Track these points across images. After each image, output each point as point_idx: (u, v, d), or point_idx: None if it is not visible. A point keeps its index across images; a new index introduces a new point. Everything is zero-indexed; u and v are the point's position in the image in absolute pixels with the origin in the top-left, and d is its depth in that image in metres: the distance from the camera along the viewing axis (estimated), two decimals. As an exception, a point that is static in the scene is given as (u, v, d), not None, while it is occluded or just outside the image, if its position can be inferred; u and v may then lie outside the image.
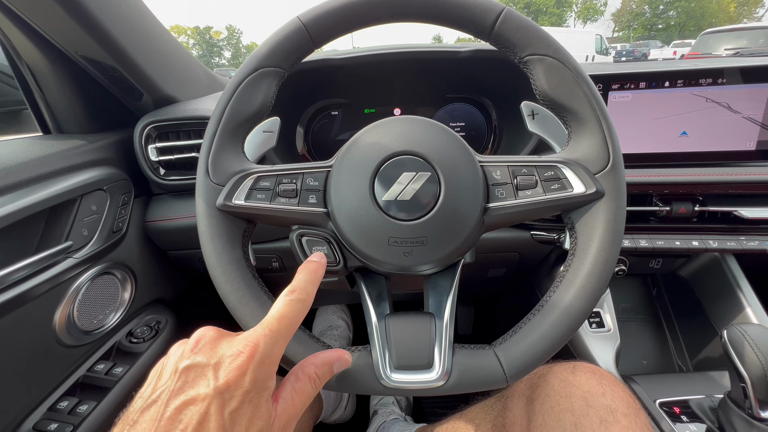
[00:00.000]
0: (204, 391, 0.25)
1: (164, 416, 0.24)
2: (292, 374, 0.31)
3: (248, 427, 0.26)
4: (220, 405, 0.25)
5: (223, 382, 0.25)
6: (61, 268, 0.55)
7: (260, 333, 0.28)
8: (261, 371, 0.27)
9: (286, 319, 0.30)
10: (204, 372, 0.26)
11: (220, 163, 0.41)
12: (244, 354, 0.27)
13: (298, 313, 0.31)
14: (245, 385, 0.26)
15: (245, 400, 0.26)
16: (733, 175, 0.66)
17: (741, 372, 0.49)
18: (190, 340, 0.29)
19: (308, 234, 0.43)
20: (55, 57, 0.60)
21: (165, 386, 0.26)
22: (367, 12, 0.41)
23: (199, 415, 0.24)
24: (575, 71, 0.39)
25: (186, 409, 0.25)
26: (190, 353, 0.27)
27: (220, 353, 0.27)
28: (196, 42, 49.30)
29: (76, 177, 0.57)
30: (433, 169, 0.38)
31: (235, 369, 0.26)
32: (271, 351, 0.28)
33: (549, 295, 0.40)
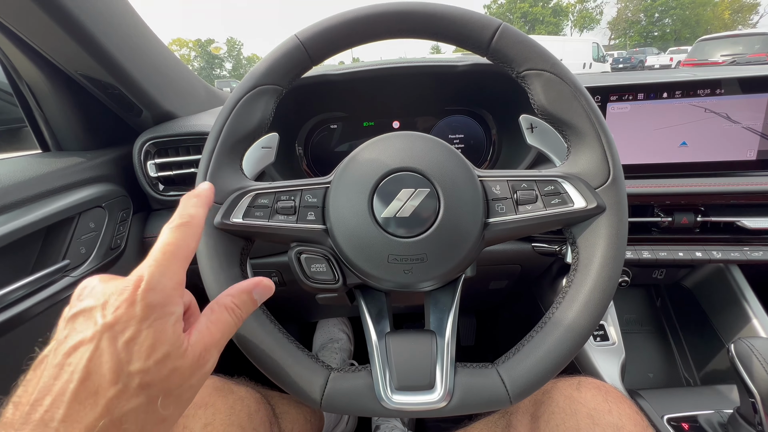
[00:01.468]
0: (92, 330, 0.24)
1: (52, 364, 0.24)
2: (207, 308, 0.30)
3: (149, 354, 0.24)
4: (111, 338, 0.24)
5: (112, 317, 0.24)
6: (58, 287, 0.54)
7: (144, 265, 0.27)
8: (153, 297, 0.25)
9: (171, 245, 0.28)
10: (91, 314, 0.25)
11: (217, 181, 0.41)
12: (129, 287, 0.25)
13: (183, 237, 0.29)
14: (137, 314, 0.25)
15: (141, 327, 0.25)
16: (734, 185, 0.66)
17: (750, 387, 0.48)
18: (75, 290, 0.28)
19: (307, 251, 0.43)
20: (54, 75, 0.60)
21: (55, 341, 0.25)
22: (365, 29, 0.41)
23: (89, 353, 0.23)
24: (573, 86, 0.39)
25: (75, 352, 0.24)
26: (77, 301, 0.26)
27: (106, 294, 0.26)
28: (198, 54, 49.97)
29: (74, 195, 0.57)
30: (432, 185, 0.38)
31: (123, 302, 0.25)
32: (160, 277, 0.26)
33: (552, 311, 0.40)
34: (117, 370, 0.23)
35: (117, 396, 0.23)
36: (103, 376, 0.23)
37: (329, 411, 0.39)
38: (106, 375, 0.23)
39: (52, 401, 0.22)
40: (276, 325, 0.40)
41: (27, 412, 0.22)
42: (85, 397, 0.23)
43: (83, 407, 0.23)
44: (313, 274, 0.42)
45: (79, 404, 0.23)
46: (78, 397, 0.23)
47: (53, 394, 0.23)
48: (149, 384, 0.24)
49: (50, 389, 0.23)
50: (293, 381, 0.38)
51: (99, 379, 0.23)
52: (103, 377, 0.23)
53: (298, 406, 0.68)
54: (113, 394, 0.23)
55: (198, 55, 50.27)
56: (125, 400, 0.24)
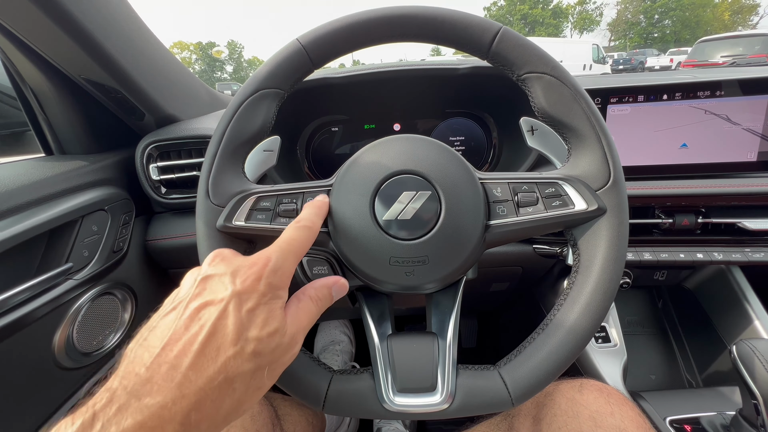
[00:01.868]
0: (222, 294, 0.27)
1: (183, 316, 0.26)
2: (294, 297, 0.33)
3: (263, 326, 0.27)
4: (237, 304, 0.27)
5: (240, 285, 0.28)
6: (61, 290, 0.55)
7: (272, 249, 0.31)
8: (274, 279, 0.29)
9: (295, 241, 0.33)
10: (222, 279, 0.28)
11: (220, 184, 0.41)
12: (258, 264, 0.29)
13: (304, 237, 0.34)
14: (261, 289, 0.28)
15: (261, 302, 0.28)
16: (735, 187, 0.66)
17: (752, 389, 0.47)
18: (206, 258, 0.31)
19: (309, 254, 0.43)
20: (58, 80, 0.61)
21: (184, 295, 0.28)
22: (366, 33, 0.41)
23: (218, 312, 0.26)
24: (573, 88, 0.40)
25: (205, 309, 0.26)
26: (208, 266, 0.30)
27: (236, 264, 0.29)
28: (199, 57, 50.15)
29: (77, 198, 0.58)
30: (433, 188, 0.38)
31: (252, 275, 0.28)
32: (283, 263, 0.30)
33: (553, 313, 0.40)
34: (238, 333, 0.26)
35: (234, 356, 0.26)
36: (227, 336, 0.26)
37: (331, 413, 0.39)
38: (229, 335, 0.26)
39: (182, 348, 0.25)
40: None
41: (157, 353, 0.24)
42: (209, 351, 0.25)
43: (207, 360, 0.25)
44: (315, 276, 0.43)
45: (204, 356, 0.25)
46: (204, 349, 0.25)
47: (183, 341, 0.25)
48: (260, 353, 0.27)
49: (181, 336, 0.25)
50: (295, 383, 0.38)
51: (223, 338, 0.26)
52: (226, 337, 0.26)
53: (300, 408, 0.68)
54: (232, 353, 0.25)
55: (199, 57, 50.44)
56: (240, 362, 0.26)
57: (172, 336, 0.25)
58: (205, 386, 0.24)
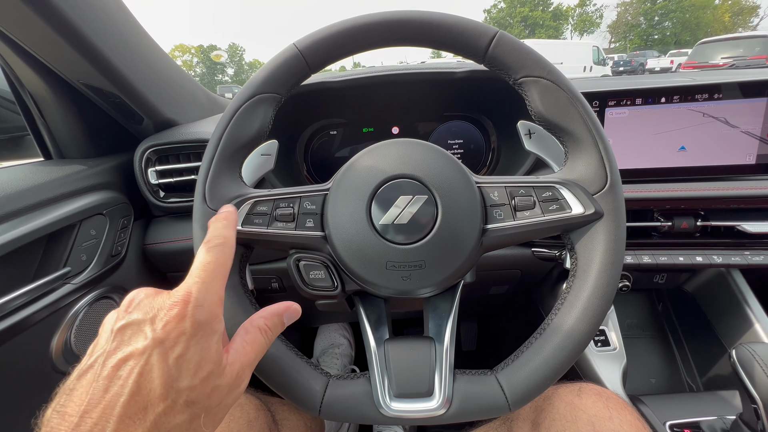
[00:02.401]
0: (142, 344, 0.24)
1: (101, 375, 0.24)
2: (242, 329, 0.31)
3: (196, 371, 0.25)
4: (162, 353, 0.24)
5: (162, 331, 0.25)
6: (59, 294, 0.55)
7: (189, 282, 0.28)
8: (201, 314, 0.26)
9: (211, 264, 0.29)
10: (141, 327, 0.25)
11: (217, 188, 0.41)
12: (179, 303, 0.26)
13: (221, 257, 0.31)
14: (188, 330, 0.25)
15: (190, 344, 0.25)
16: (734, 190, 0.66)
17: (752, 393, 0.47)
18: (123, 302, 0.28)
19: (306, 258, 0.43)
20: (56, 84, 0.61)
21: (101, 350, 0.25)
22: (363, 38, 0.41)
23: (139, 367, 0.24)
24: (570, 92, 0.40)
25: (124, 365, 0.24)
26: (124, 314, 0.27)
27: (155, 307, 0.26)
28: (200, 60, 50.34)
29: (75, 202, 0.58)
30: (429, 192, 0.38)
31: (174, 317, 0.25)
32: (206, 295, 0.27)
33: (551, 317, 0.39)
34: (167, 386, 0.24)
35: (165, 412, 0.24)
36: (153, 391, 0.24)
37: (328, 418, 0.39)
38: (157, 390, 0.24)
39: (101, 414, 0.22)
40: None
41: (75, 423, 0.22)
42: (134, 412, 0.23)
43: (132, 422, 0.23)
44: (312, 280, 0.42)
45: (129, 418, 0.23)
46: (128, 411, 0.23)
47: (102, 406, 0.23)
48: (194, 401, 0.25)
49: (99, 401, 0.23)
50: (292, 388, 0.38)
51: (149, 394, 0.23)
52: (153, 392, 0.24)
53: (298, 412, 0.68)
54: (162, 409, 0.24)
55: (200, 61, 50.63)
56: (172, 416, 0.24)
57: (90, 400, 0.23)
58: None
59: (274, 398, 0.65)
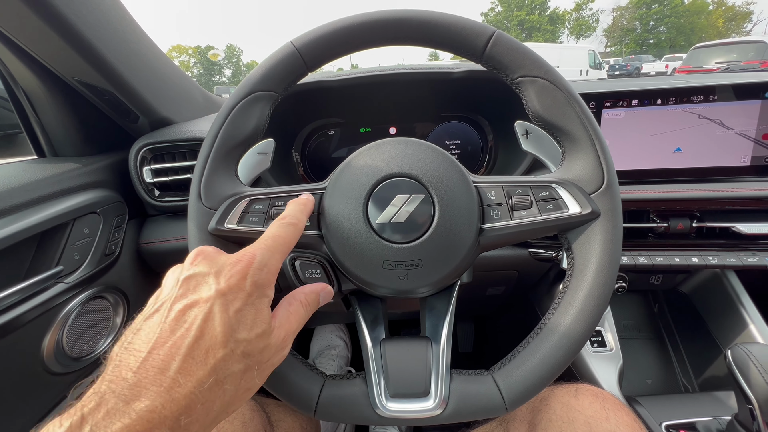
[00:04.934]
0: (206, 294, 0.26)
1: (168, 318, 0.25)
2: (284, 301, 0.32)
3: (252, 327, 0.27)
4: (223, 304, 0.26)
5: (225, 284, 0.27)
6: (50, 293, 0.54)
7: (256, 246, 0.30)
8: (260, 277, 0.28)
9: (280, 237, 0.32)
10: (205, 279, 0.27)
11: (212, 187, 0.41)
12: (243, 261, 0.28)
13: (290, 234, 0.33)
14: (247, 288, 0.27)
15: (248, 302, 0.27)
16: (728, 191, 0.66)
17: (747, 394, 0.47)
18: (189, 255, 0.30)
19: (302, 257, 0.43)
20: (51, 82, 0.60)
21: (167, 296, 0.27)
22: (360, 36, 0.41)
23: (203, 314, 0.25)
24: (567, 92, 0.40)
25: (189, 311, 0.26)
26: (190, 266, 0.29)
27: (219, 263, 0.28)
28: (198, 61, 50.20)
29: (68, 201, 0.57)
30: (426, 191, 0.38)
31: (237, 273, 0.28)
32: (268, 260, 0.30)
33: (547, 317, 0.39)
34: (227, 335, 0.25)
35: (224, 358, 0.25)
36: (215, 337, 0.25)
37: (324, 419, 0.38)
38: (218, 337, 0.25)
39: (168, 351, 0.24)
40: None
41: (143, 357, 0.24)
42: (198, 354, 0.24)
43: (195, 363, 0.24)
44: (308, 280, 0.42)
45: (192, 359, 0.24)
46: (192, 352, 0.24)
47: (169, 345, 0.24)
48: (249, 353, 0.27)
49: (167, 340, 0.24)
50: (287, 388, 0.38)
51: (211, 339, 0.25)
52: (215, 338, 0.25)
53: (294, 413, 0.67)
54: (221, 356, 0.25)
55: (198, 61, 50.48)
56: (230, 363, 0.25)
57: (158, 339, 0.24)
58: (194, 389, 0.24)
59: (269, 399, 0.65)
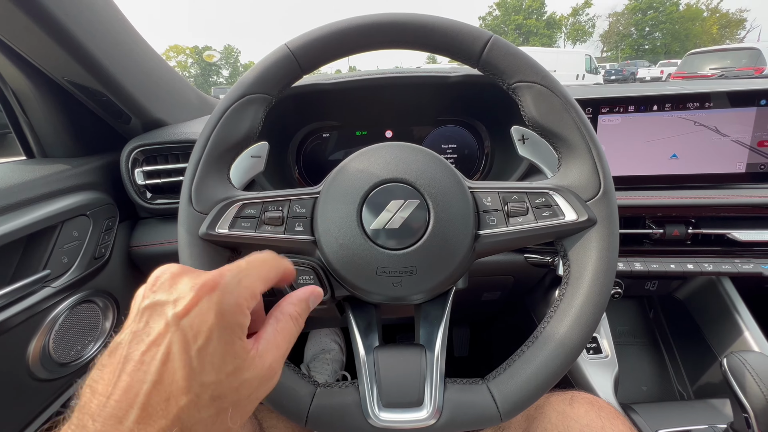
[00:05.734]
0: (163, 327, 0.23)
1: (127, 357, 0.22)
2: (271, 316, 0.29)
3: (221, 365, 0.23)
4: (183, 343, 0.22)
5: (182, 317, 0.23)
6: (37, 297, 0.53)
7: (224, 268, 0.26)
8: (227, 304, 0.24)
9: (257, 260, 0.28)
10: (163, 309, 0.24)
11: (203, 190, 0.40)
12: (207, 285, 0.24)
13: (274, 257, 0.29)
14: (210, 320, 0.23)
15: (212, 336, 0.23)
16: (724, 198, 0.66)
17: (743, 402, 0.47)
18: (149, 278, 0.26)
19: (294, 263, 0.42)
20: (40, 81, 0.59)
21: (129, 329, 0.24)
22: (356, 39, 0.41)
23: (161, 355, 0.22)
24: (563, 98, 0.39)
25: (148, 351, 0.22)
26: (150, 292, 0.25)
27: (180, 288, 0.24)
28: (195, 62, 50.10)
29: (57, 203, 0.56)
30: (422, 197, 0.38)
31: (196, 299, 0.23)
32: (238, 284, 0.25)
33: (543, 325, 0.39)
34: (189, 379, 0.22)
35: (188, 406, 0.22)
36: (176, 383, 0.22)
37: (314, 429, 0.37)
38: (179, 382, 0.22)
39: (125, 398, 0.21)
40: None
41: (103, 403, 0.22)
42: (157, 402, 0.22)
43: (156, 412, 0.21)
44: (300, 286, 0.41)
45: (151, 408, 0.21)
46: (150, 400, 0.22)
47: (127, 390, 0.22)
48: (220, 396, 0.23)
49: (125, 385, 0.22)
50: (277, 398, 0.37)
51: (171, 385, 0.22)
52: (176, 384, 0.22)
53: (286, 420, 0.66)
54: (185, 403, 0.22)
55: (195, 62, 50.33)
56: (196, 410, 0.22)
57: (117, 382, 0.22)
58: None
59: (261, 405, 0.64)
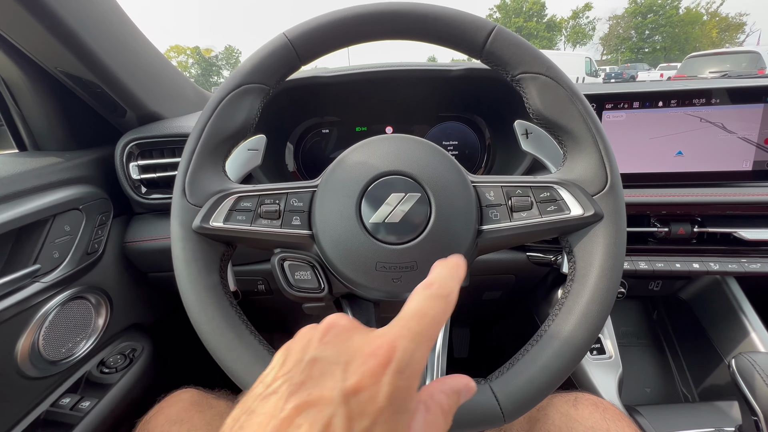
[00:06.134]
0: (329, 393, 0.20)
1: (282, 412, 0.20)
2: (421, 403, 0.24)
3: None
4: (346, 418, 0.19)
5: (352, 389, 0.20)
6: (26, 293, 0.51)
7: (397, 332, 0.22)
8: (400, 384, 0.20)
9: (427, 317, 0.23)
10: (331, 370, 0.21)
11: (197, 182, 0.39)
12: (380, 357, 0.21)
13: (440, 312, 0.24)
14: (379, 401, 0.20)
15: (378, 420, 0.19)
16: (730, 196, 0.65)
17: (752, 404, 0.46)
18: (320, 326, 0.24)
19: (291, 258, 0.41)
20: (33, 72, 0.58)
21: (287, 376, 0.21)
22: (356, 29, 0.40)
23: (321, 425, 0.19)
24: (569, 89, 0.38)
25: (306, 411, 0.19)
26: (318, 343, 0.22)
27: (351, 350, 0.22)
28: (195, 62, 50.19)
29: (49, 196, 0.54)
30: (423, 190, 0.37)
31: (369, 375, 0.20)
32: (411, 357, 0.21)
33: (548, 324, 0.38)
34: None
35: None
36: None
37: None
38: None
39: None
40: (256, 336, 0.37)
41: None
42: None
43: None
44: (297, 282, 0.40)
45: None
46: None
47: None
48: None
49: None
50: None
51: None
52: None
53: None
54: None
55: (195, 62, 50.43)
56: None
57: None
58: None
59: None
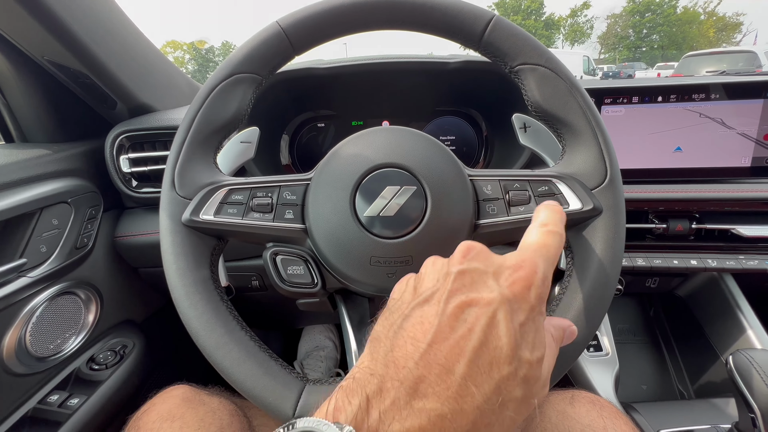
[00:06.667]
0: (488, 295, 0.21)
1: (445, 312, 0.21)
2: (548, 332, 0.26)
3: (533, 348, 0.21)
4: (508, 313, 0.21)
5: (509, 290, 0.22)
6: (11, 288, 0.50)
7: (533, 254, 0.24)
8: (542, 290, 0.23)
9: (550, 248, 0.25)
10: (483, 278, 0.22)
11: (187, 174, 0.38)
12: (525, 268, 0.23)
13: (556, 245, 0.26)
14: (531, 300, 0.22)
15: (531, 316, 0.22)
16: (728, 192, 0.65)
17: (750, 401, 0.46)
18: (456, 250, 0.25)
19: (283, 252, 0.40)
20: (19, 61, 0.56)
21: (436, 287, 0.23)
22: (351, 18, 0.39)
23: (486, 318, 0.21)
24: (569, 81, 0.38)
25: (468, 309, 0.21)
26: (462, 258, 0.24)
27: (497, 263, 0.23)
28: (192, 57, 49.83)
29: (36, 189, 0.53)
30: (419, 183, 0.36)
31: (520, 280, 0.22)
32: (548, 273, 0.24)
33: None
34: (513, 349, 0.20)
35: (508, 377, 0.20)
36: (500, 349, 0.20)
37: None
38: (504, 349, 0.20)
39: (450, 350, 0.20)
40: (247, 332, 0.36)
41: (424, 350, 0.20)
42: (482, 363, 0.20)
43: (480, 373, 0.20)
44: (290, 276, 0.39)
45: (477, 368, 0.20)
46: (475, 359, 0.20)
47: (450, 343, 0.20)
48: (528, 379, 0.21)
49: (446, 337, 0.20)
50: (261, 393, 0.34)
51: (495, 351, 0.20)
52: (500, 350, 0.20)
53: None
54: (506, 374, 0.20)
55: (192, 57, 50.09)
56: (513, 385, 0.20)
57: (437, 332, 0.20)
58: (482, 405, 0.19)
59: (250, 402, 0.61)
